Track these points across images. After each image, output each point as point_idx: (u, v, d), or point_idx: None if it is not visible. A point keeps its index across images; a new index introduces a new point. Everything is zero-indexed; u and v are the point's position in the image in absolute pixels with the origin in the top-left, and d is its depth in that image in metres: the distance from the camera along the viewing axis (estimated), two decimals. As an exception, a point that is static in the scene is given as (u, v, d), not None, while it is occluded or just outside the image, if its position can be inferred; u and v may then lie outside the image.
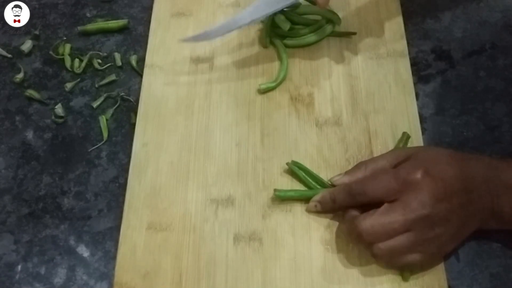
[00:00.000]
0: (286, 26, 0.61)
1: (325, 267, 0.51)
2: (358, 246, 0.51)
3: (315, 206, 0.52)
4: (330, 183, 0.53)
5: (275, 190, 0.53)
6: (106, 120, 0.61)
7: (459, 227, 0.47)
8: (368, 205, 0.48)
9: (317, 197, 0.52)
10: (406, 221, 0.45)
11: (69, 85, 0.64)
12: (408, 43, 0.63)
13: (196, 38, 0.60)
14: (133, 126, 0.60)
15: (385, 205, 0.47)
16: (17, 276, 0.53)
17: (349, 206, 0.50)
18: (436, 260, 0.50)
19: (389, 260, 0.49)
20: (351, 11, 0.61)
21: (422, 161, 0.48)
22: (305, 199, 0.54)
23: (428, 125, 0.59)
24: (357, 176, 0.51)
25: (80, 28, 0.67)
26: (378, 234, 0.46)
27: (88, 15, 0.69)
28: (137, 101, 0.61)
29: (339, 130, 0.58)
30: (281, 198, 0.53)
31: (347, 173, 0.53)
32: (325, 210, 0.52)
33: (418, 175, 0.46)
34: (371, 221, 0.46)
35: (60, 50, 0.66)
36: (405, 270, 0.50)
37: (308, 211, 0.53)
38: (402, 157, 0.50)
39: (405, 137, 0.56)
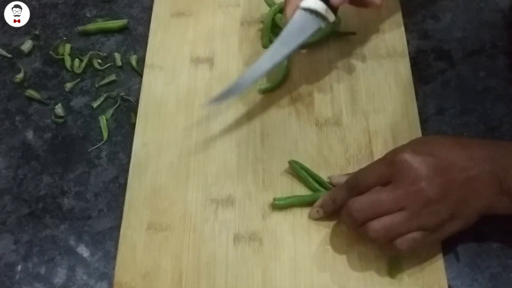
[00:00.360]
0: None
1: (325, 267, 0.51)
2: (358, 241, 0.51)
3: (317, 211, 0.52)
4: (329, 181, 0.54)
5: (274, 199, 0.53)
6: (106, 120, 0.61)
7: (459, 204, 0.46)
8: None
9: (318, 203, 0.53)
10: (396, 198, 0.45)
11: (69, 85, 0.64)
12: (408, 43, 0.63)
13: (221, 98, 0.55)
14: (133, 126, 0.60)
15: (377, 187, 0.47)
16: (17, 276, 0.53)
17: None
18: (437, 241, 0.49)
19: (388, 242, 0.46)
20: (351, 11, 0.61)
21: (411, 144, 0.48)
22: (305, 205, 0.53)
23: (428, 125, 0.59)
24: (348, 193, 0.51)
25: (80, 28, 0.67)
26: (368, 212, 0.46)
27: (88, 15, 0.69)
28: (137, 101, 0.61)
29: (339, 130, 0.58)
30: (280, 207, 0.53)
31: (346, 174, 0.53)
32: (327, 214, 0.52)
33: (406, 154, 0.46)
34: (360, 200, 0.47)
35: (60, 50, 0.66)
36: (394, 266, 0.49)
37: (311, 218, 0.53)
38: (392, 152, 0.50)
39: None
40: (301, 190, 0.55)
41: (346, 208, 0.48)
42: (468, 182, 0.45)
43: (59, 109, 0.62)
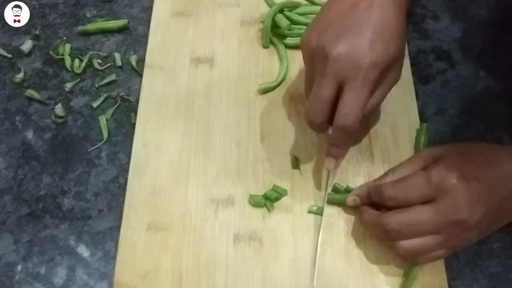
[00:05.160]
0: (286, 25, 0.61)
1: (325, 267, 0.51)
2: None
3: (354, 200, 0.52)
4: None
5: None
6: (106, 120, 0.61)
7: (492, 226, 0.46)
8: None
9: (356, 191, 0.52)
10: (436, 224, 0.45)
11: (69, 85, 0.64)
12: (408, 43, 0.63)
13: None
14: (133, 126, 0.60)
15: (417, 205, 0.46)
16: (17, 276, 0.53)
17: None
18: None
19: (411, 258, 0.48)
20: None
21: (456, 162, 0.46)
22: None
23: (428, 125, 0.59)
24: (384, 181, 0.50)
25: (80, 28, 0.67)
26: (404, 232, 0.45)
27: (88, 15, 0.69)
28: (137, 101, 0.61)
29: (339, 130, 0.58)
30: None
31: (375, 181, 0.52)
32: (363, 205, 0.51)
33: (453, 179, 0.44)
34: (398, 220, 0.46)
35: (60, 50, 0.66)
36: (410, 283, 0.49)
37: (348, 205, 0.52)
38: (430, 159, 0.49)
39: (424, 128, 0.56)
40: (301, 190, 0.55)
41: (381, 222, 0.47)
42: (502, 204, 0.45)
43: (59, 109, 0.62)
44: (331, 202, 0.54)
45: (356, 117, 0.46)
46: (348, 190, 0.54)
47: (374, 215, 0.48)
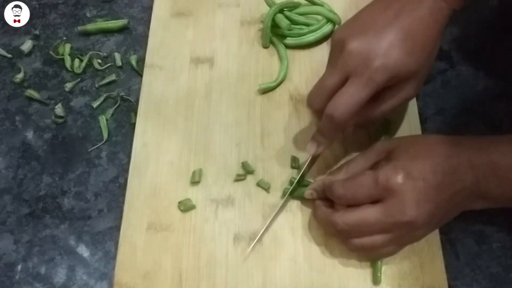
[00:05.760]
0: (286, 25, 0.61)
1: (325, 267, 0.51)
2: (347, 251, 0.51)
3: (311, 194, 0.52)
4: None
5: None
6: (106, 120, 0.61)
7: (440, 221, 0.48)
8: None
9: (313, 185, 0.52)
10: (384, 225, 0.45)
11: (69, 85, 0.64)
12: (408, 43, 0.63)
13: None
14: (133, 126, 0.60)
15: (366, 204, 0.46)
16: (17, 276, 0.53)
17: None
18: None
19: (363, 254, 0.50)
20: (351, 12, 0.61)
21: (402, 161, 0.46)
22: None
23: (428, 125, 0.59)
24: (339, 177, 0.51)
25: (80, 28, 0.67)
26: (353, 232, 0.47)
27: (88, 15, 0.69)
28: (137, 101, 0.61)
29: (339, 130, 0.58)
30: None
31: (330, 174, 0.53)
32: (320, 199, 0.52)
33: (399, 179, 0.45)
34: (347, 219, 0.46)
35: (60, 50, 0.66)
36: (377, 272, 0.50)
37: (305, 197, 0.53)
38: (383, 153, 0.49)
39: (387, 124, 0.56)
40: (300, 190, 0.54)
41: (331, 221, 0.47)
42: (452, 199, 0.46)
43: (59, 109, 0.62)
44: (293, 195, 0.54)
45: (345, 111, 0.46)
46: (305, 185, 0.54)
47: (326, 213, 0.49)
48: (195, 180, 0.55)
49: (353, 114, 0.46)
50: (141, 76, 0.63)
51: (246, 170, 0.55)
